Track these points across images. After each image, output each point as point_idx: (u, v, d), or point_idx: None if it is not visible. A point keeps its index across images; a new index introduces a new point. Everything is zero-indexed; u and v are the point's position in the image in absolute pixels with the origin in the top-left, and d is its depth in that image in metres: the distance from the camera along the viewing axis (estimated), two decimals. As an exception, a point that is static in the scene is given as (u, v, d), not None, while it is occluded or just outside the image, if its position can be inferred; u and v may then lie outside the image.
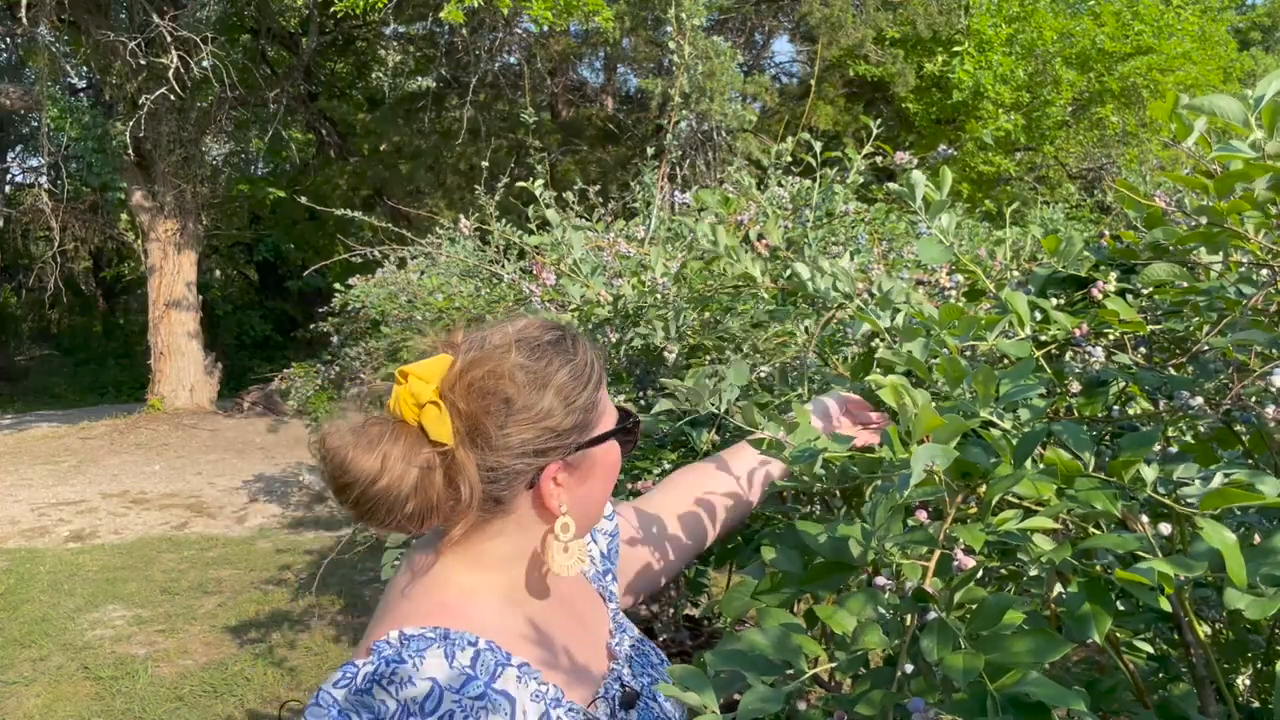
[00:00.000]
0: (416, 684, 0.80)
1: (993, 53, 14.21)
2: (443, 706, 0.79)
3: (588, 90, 17.12)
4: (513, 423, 0.88)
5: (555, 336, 0.94)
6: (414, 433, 0.87)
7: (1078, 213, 10.95)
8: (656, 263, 1.76)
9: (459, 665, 0.82)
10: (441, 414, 0.87)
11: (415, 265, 4.19)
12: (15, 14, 10.57)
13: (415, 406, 0.87)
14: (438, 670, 0.81)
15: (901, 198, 1.07)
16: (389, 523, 0.88)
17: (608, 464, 0.97)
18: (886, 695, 0.67)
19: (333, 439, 0.87)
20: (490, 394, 0.88)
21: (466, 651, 0.84)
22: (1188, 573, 0.67)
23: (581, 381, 0.93)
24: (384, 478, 0.85)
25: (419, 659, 0.81)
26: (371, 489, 0.85)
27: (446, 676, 0.81)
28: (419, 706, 0.79)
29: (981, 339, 0.96)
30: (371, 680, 0.80)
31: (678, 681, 0.66)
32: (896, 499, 0.71)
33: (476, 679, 0.82)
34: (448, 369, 0.90)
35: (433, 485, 0.87)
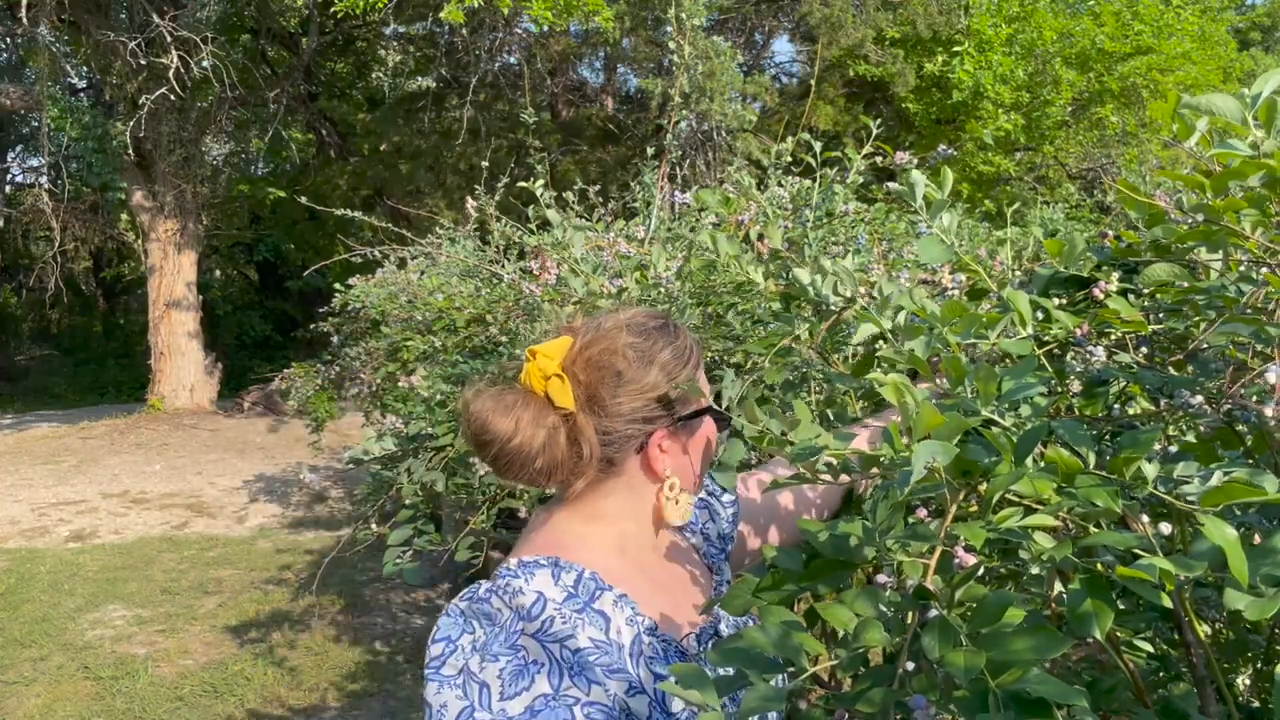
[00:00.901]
0: (525, 594, 0.94)
1: (993, 53, 14.21)
2: (545, 613, 0.93)
3: (588, 90, 17.12)
4: (624, 392, 1.03)
5: (660, 323, 1.09)
6: (541, 401, 1.02)
7: (1077, 213, 10.95)
8: (658, 261, 1.77)
9: (564, 584, 0.97)
10: (564, 384, 1.02)
11: (415, 265, 4.19)
12: (15, 14, 10.57)
13: (543, 379, 1.03)
14: (544, 585, 0.96)
15: (902, 197, 1.07)
16: (522, 476, 1.03)
17: (705, 436, 1.10)
18: (887, 693, 0.67)
19: (476, 403, 1.03)
20: (604, 367, 1.03)
21: (571, 574, 0.98)
22: (1188, 572, 0.67)
23: (682, 360, 1.07)
24: (517, 437, 1.00)
25: (529, 576, 0.96)
26: (508, 446, 1.01)
27: (551, 591, 0.95)
28: (526, 612, 0.93)
29: (983, 338, 0.96)
30: (489, 592, 0.96)
31: (679, 680, 0.66)
32: (898, 496, 0.71)
33: (577, 597, 0.96)
34: (569, 347, 1.06)
35: (558, 445, 1.02)
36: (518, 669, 0.91)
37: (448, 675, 0.92)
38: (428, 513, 2.00)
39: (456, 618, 0.96)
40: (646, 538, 1.10)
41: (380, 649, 4.94)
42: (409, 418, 2.22)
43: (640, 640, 0.98)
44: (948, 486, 0.77)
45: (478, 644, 0.93)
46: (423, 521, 1.93)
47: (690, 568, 1.16)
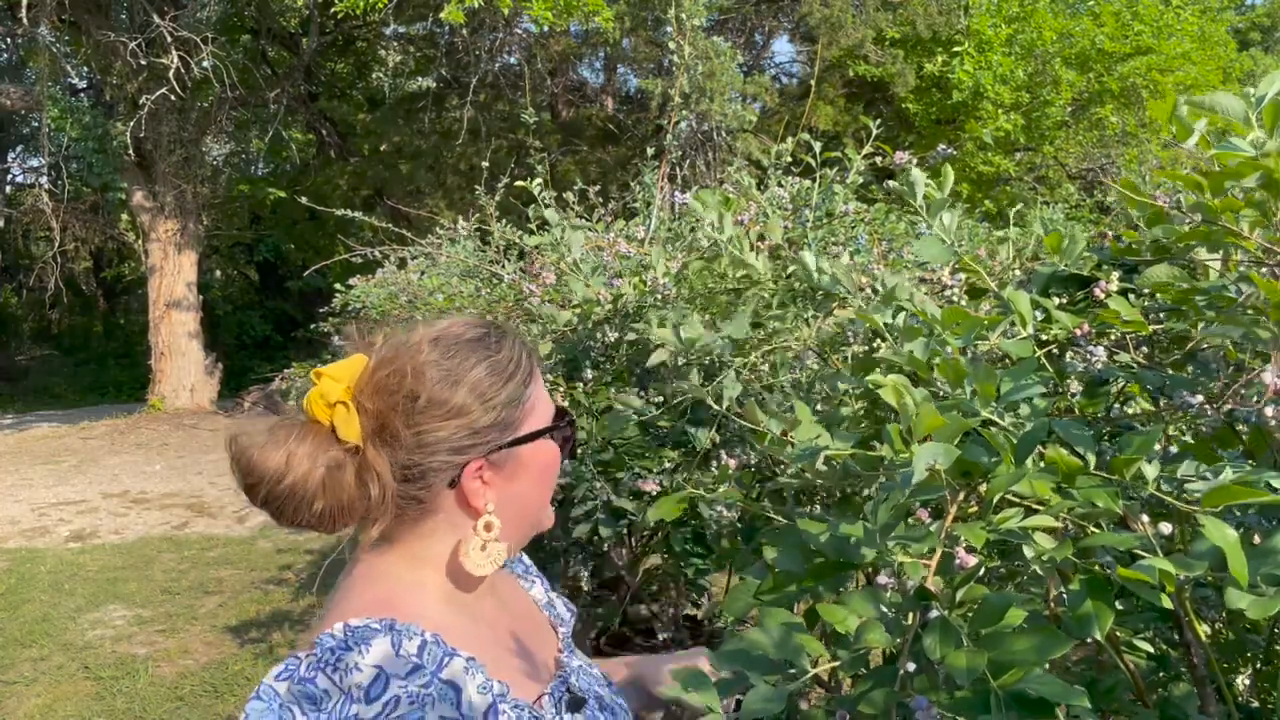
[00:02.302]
0: (362, 669, 0.79)
1: (992, 53, 14.21)
2: (388, 693, 0.79)
3: (588, 90, 17.12)
4: (424, 420, 0.88)
5: (478, 334, 0.94)
6: (324, 432, 0.88)
7: (1077, 213, 10.94)
8: (657, 262, 1.77)
9: (406, 653, 0.82)
10: (350, 413, 0.88)
11: (415, 265, 4.19)
12: (15, 14, 10.57)
13: (326, 406, 0.88)
14: (383, 658, 0.81)
15: (902, 197, 1.07)
16: (298, 521, 0.88)
17: (540, 463, 0.96)
18: (889, 694, 0.67)
19: (241, 439, 0.88)
20: (395, 391, 0.88)
21: (414, 640, 0.84)
22: (1188, 572, 0.67)
23: (502, 378, 0.92)
24: (289, 476, 0.85)
25: (364, 647, 0.81)
26: (277, 488, 0.86)
27: (393, 664, 0.81)
28: (363, 693, 0.78)
29: (983, 339, 0.96)
30: (315, 669, 0.80)
31: (680, 682, 0.66)
32: (900, 498, 0.71)
33: (424, 668, 0.82)
34: (360, 369, 0.91)
35: (342, 484, 0.87)
36: None
37: None
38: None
39: (271, 703, 0.79)
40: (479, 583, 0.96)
41: (380, 649, 4.93)
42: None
43: (495, 711, 0.85)
44: (948, 487, 0.77)
45: None
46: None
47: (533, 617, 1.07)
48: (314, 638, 0.84)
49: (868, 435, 1.07)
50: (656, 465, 1.79)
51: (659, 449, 1.81)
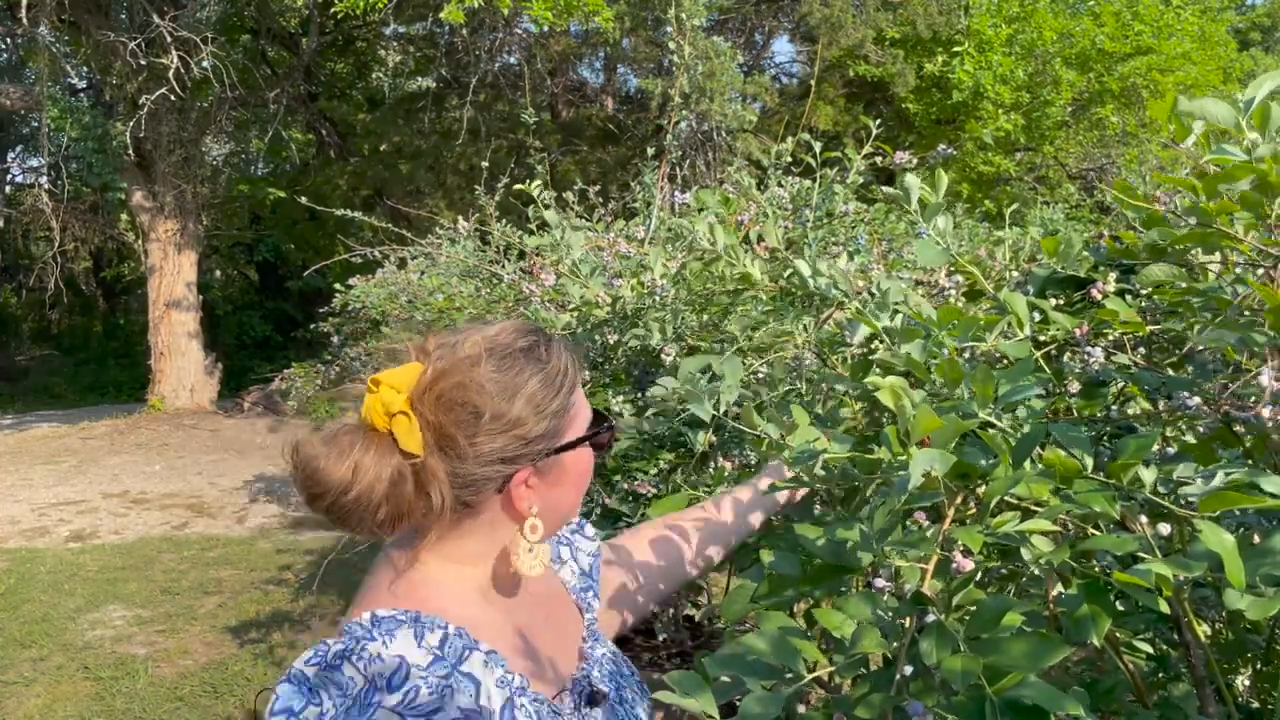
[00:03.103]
0: (384, 660, 0.82)
1: (993, 53, 14.21)
2: (408, 682, 0.81)
3: (588, 90, 17.12)
4: (482, 433, 0.90)
5: (529, 342, 0.96)
6: (385, 440, 0.89)
7: (1077, 213, 10.94)
8: (655, 264, 1.76)
9: (427, 645, 0.85)
10: (412, 424, 0.88)
11: (415, 265, 4.19)
12: (15, 14, 10.57)
13: (386, 416, 0.89)
14: (405, 649, 0.83)
15: (898, 200, 1.07)
16: (361, 529, 0.90)
17: (579, 469, 0.99)
18: (885, 698, 0.67)
19: (305, 449, 0.88)
20: (459, 405, 0.89)
21: (435, 634, 0.86)
22: (1186, 573, 0.67)
23: (554, 389, 0.94)
24: (355, 488, 0.87)
25: (388, 638, 0.84)
26: (344, 499, 0.87)
27: (414, 655, 0.83)
28: (385, 681, 0.80)
29: (980, 340, 0.96)
30: (341, 657, 0.82)
31: (676, 686, 0.66)
32: (895, 504, 0.71)
33: (444, 660, 0.84)
34: (418, 377, 0.91)
35: (404, 493, 0.89)
36: None
37: None
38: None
39: (300, 685, 0.82)
40: (512, 580, 0.99)
41: (380, 649, 4.93)
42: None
43: (512, 706, 0.87)
44: (945, 490, 0.77)
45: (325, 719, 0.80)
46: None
47: (561, 608, 1.08)
48: (344, 625, 0.87)
49: (866, 437, 1.07)
50: (653, 467, 1.79)
51: (656, 451, 1.81)
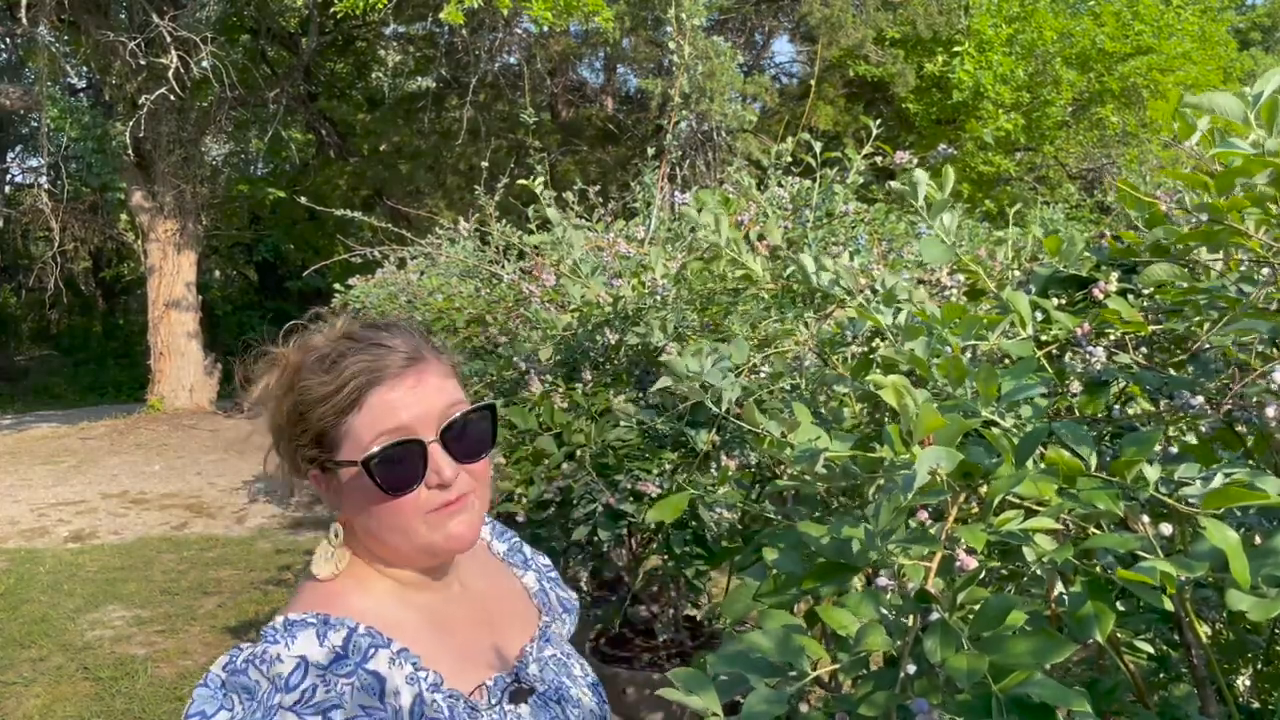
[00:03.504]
0: (284, 660, 0.85)
1: (993, 53, 14.21)
2: (305, 681, 0.84)
3: (588, 90, 17.11)
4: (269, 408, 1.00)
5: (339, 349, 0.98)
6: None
7: (1078, 213, 10.95)
8: (656, 263, 1.76)
9: (329, 645, 0.87)
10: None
11: (415, 265, 4.19)
12: (15, 14, 10.57)
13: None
14: (306, 649, 0.86)
15: (902, 197, 1.07)
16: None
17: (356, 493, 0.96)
18: (889, 696, 0.66)
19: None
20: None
21: (340, 633, 0.89)
22: (1189, 573, 0.67)
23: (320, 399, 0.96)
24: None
25: (290, 640, 0.87)
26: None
27: (314, 654, 0.86)
28: (284, 682, 0.83)
29: (983, 338, 0.96)
30: (247, 661, 0.86)
31: (680, 684, 0.66)
32: (900, 502, 0.71)
33: (346, 659, 0.87)
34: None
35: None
36: None
37: None
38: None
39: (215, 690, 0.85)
40: (437, 579, 1.01)
41: (380, 649, 4.93)
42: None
43: (422, 701, 0.89)
44: (948, 489, 0.77)
45: None
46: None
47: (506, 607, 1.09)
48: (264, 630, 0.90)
49: (868, 436, 1.07)
50: (656, 467, 1.78)
51: (658, 451, 1.81)
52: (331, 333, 1.01)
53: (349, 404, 0.95)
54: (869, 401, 1.38)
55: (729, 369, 1.11)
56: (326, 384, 0.95)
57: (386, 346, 0.97)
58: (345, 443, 0.95)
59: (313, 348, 0.99)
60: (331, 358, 0.96)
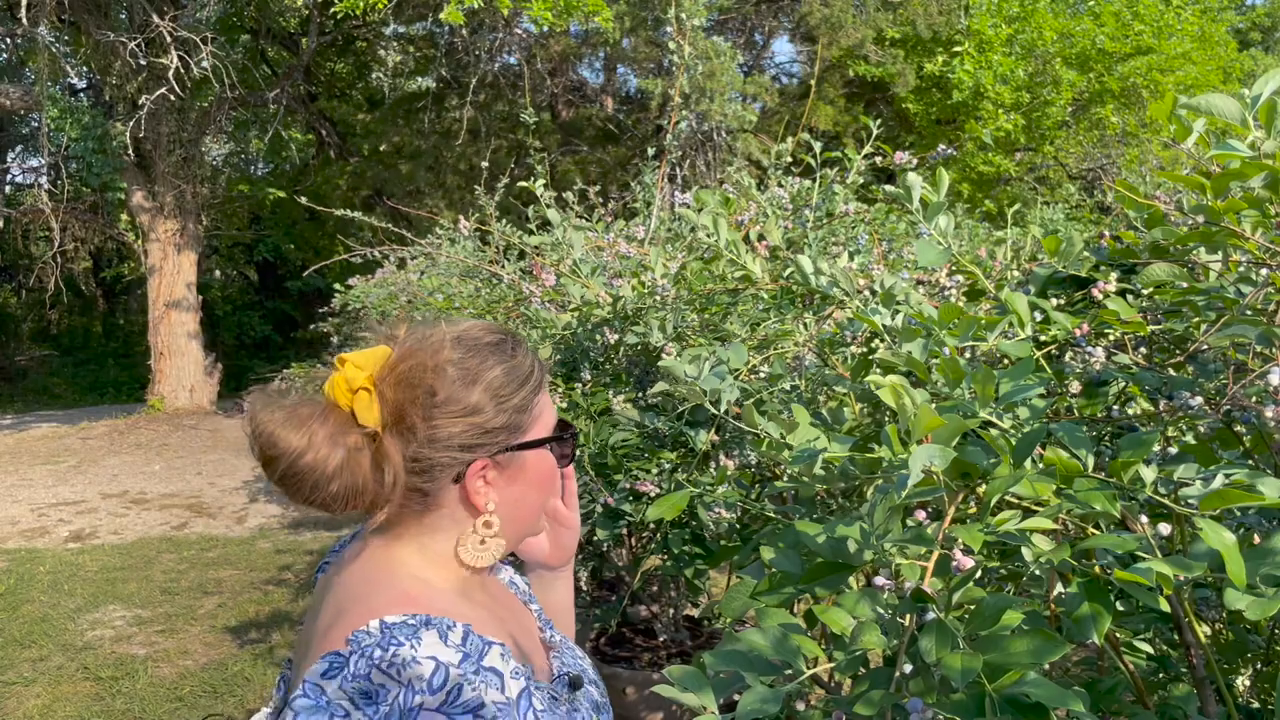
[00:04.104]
0: (421, 662, 0.81)
1: (993, 53, 14.21)
2: (449, 682, 0.81)
3: (588, 90, 17.11)
4: (439, 415, 0.91)
5: (496, 339, 0.98)
6: (344, 416, 0.91)
7: (1078, 213, 10.95)
8: (656, 263, 1.76)
9: (453, 644, 0.85)
10: (371, 399, 0.91)
11: (415, 265, 4.19)
12: (15, 14, 10.57)
13: (348, 391, 0.91)
14: (436, 650, 0.83)
15: (899, 199, 1.07)
16: (313, 500, 0.91)
17: (540, 470, 0.99)
18: (885, 695, 0.66)
19: (262, 415, 0.90)
20: (416, 385, 0.91)
21: (456, 631, 0.86)
22: (1187, 573, 0.67)
23: (515, 382, 0.96)
24: (309, 454, 0.88)
25: (415, 641, 0.83)
26: (298, 463, 0.88)
27: (445, 655, 0.83)
28: (425, 684, 0.80)
29: (981, 339, 0.96)
30: (371, 666, 0.81)
31: (676, 682, 0.66)
32: (895, 500, 0.71)
33: (470, 657, 0.85)
34: (384, 359, 0.94)
35: (359, 467, 0.90)
36: None
37: None
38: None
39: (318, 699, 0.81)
40: (481, 580, 1.01)
41: (380, 649, 4.93)
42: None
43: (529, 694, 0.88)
44: (945, 489, 0.77)
45: None
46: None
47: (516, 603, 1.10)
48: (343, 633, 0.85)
49: (868, 436, 1.07)
50: (655, 467, 1.78)
51: (657, 450, 1.81)
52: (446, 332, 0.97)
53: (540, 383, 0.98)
54: (869, 402, 1.38)
55: (726, 372, 1.11)
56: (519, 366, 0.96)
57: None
58: (537, 423, 0.97)
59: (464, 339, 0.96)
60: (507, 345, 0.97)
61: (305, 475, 0.89)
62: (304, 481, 0.89)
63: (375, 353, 0.94)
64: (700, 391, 1.09)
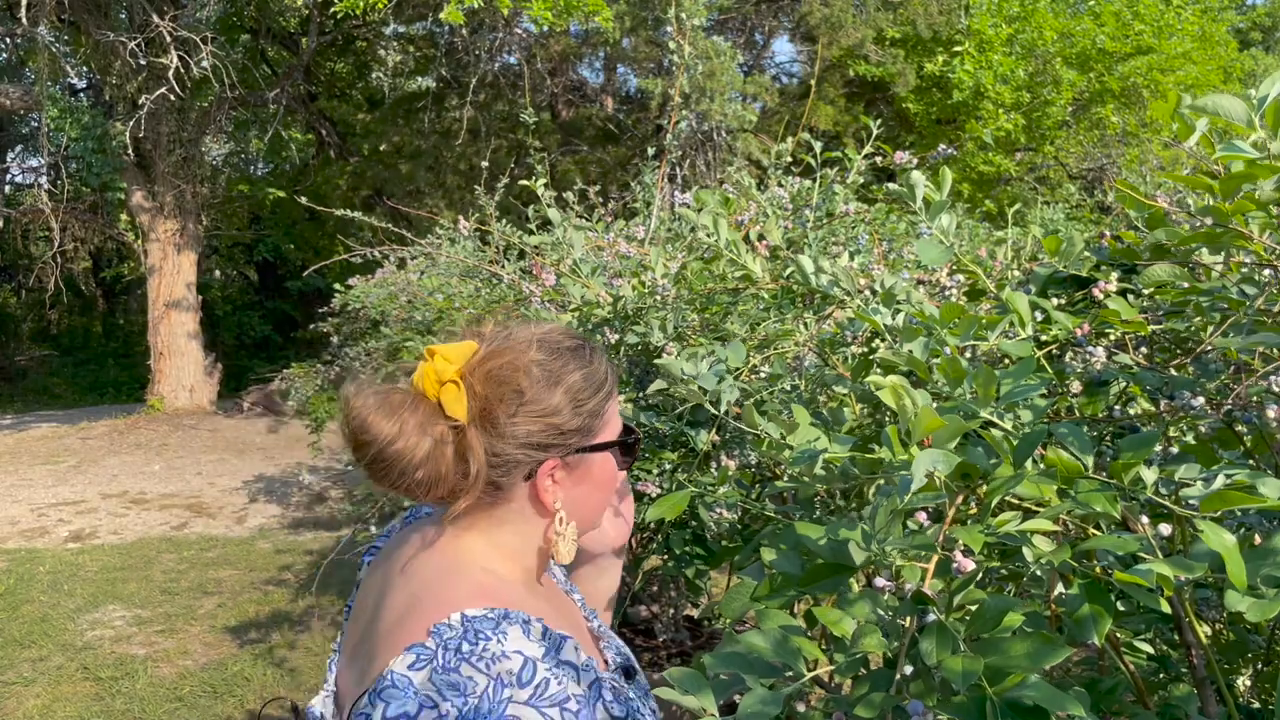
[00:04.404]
0: (510, 656, 0.83)
1: (993, 53, 14.21)
2: (537, 675, 0.83)
3: (588, 90, 17.10)
4: (521, 413, 0.95)
5: (575, 344, 1.01)
6: (432, 407, 0.94)
7: (1078, 213, 10.95)
8: (656, 263, 1.76)
9: (535, 638, 0.87)
10: (459, 393, 0.94)
11: (415, 265, 4.19)
12: (15, 14, 10.57)
13: (437, 383, 0.94)
14: (521, 644, 0.85)
15: (901, 198, 1.07)
16: (400, 485, 0.94)
17: (605, 473, 1.03)
18: (886, 697, 0.66)
19: (356, 399, 0.94)
20: (505, 383, 0.95)
21: (535, 626, 0.89)
22: (1187, 573, 0.66)
23: (592, 387, 1.00)
24: (399, 441, 0.91)
25: (501, 635, 0.85)
26: (388, 450, 0.92)
27: (530, 649, 0.86)
28: (515, 678, 0.82)
29: (982, 339, 0.96)
30: (460, 659, 0.83)
31: (676, 684, 0.66)
32: (896, 504, 0.71)
33: (550, 651, 0.88)
34: (471, 354, 0.98)
35: (443, 457, 0.93)
36: None
37: None
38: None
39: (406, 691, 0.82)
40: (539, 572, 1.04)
41: (380, 649, 4.93)
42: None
43: (599, 686, 0.90)
44: (946, 490, 0.76)
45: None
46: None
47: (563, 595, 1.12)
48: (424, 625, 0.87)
49: (868, 436, 1.07)
50: (655, 467, 1.78)
51: (658, 451, 1.81)
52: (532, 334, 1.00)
53: (611, 390, 1.02)
54: (869, 402, 1.38)
55: (725, 372, 1.11)
56: (596, 371, 1.00)
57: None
58: (606, 427, 1.01)
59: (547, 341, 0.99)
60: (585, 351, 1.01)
61: (393, 462, 0.92)
62: (392, 468, 0.92)
63: (463, 347, 0.98)
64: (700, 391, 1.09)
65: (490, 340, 0.99)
